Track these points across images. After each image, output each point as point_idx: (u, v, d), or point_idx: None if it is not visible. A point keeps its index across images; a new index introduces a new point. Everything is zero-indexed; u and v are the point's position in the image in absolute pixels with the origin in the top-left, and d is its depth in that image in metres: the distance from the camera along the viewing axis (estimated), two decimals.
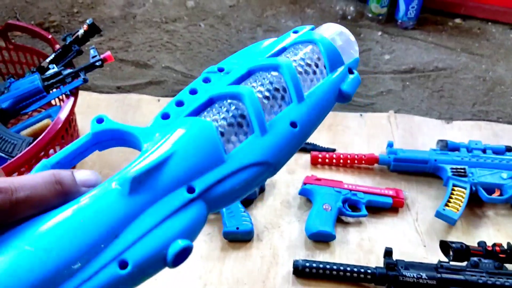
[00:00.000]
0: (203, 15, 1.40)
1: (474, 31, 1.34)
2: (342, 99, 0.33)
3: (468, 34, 1.33)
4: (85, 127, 1.00)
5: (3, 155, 0.75)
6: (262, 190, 0.90)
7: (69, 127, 0.85)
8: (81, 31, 0.87)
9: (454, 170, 0.89)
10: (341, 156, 0.94)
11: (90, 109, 1.05)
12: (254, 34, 1.33)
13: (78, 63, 0.90)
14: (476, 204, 0.88)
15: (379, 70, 1.21)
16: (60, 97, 0.91)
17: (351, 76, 0.33)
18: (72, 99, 0.82)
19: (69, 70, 0.83)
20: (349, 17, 1.38)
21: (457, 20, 1.37)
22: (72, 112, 0.83)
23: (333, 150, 0.98)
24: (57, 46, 0.90)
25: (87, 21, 0.87)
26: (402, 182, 0.92)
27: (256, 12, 1.42)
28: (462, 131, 1.04)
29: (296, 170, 0.94)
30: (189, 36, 1.32)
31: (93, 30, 0.87)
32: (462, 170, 0.89)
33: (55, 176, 0.25)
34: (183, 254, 0.24)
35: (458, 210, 0.83)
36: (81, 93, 0.92)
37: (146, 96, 1.11)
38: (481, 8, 1.35)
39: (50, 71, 0.83)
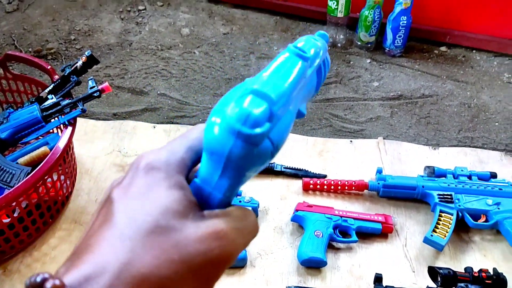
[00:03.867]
0: (197, 43, 1.44)
1: (459, 58, 1.39)
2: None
3: (453, 61, 1.38)
4: (81, 154, 1.02)
5: (1, 185, 0.77)
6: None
7: (66, 156, 0.87)
8: (79, 63, 0.89)
9: (441, 196, 0.92)
10: (332, 182, 0.97)
11: (87, 136, 1.07)
12: (247, 61, 1.37)
13: (77, 92, 0.92)
14: (462, 230, 0.90)
15: (368, 97, 1.25)
16: None
17: None
18: (70, 128, 0.84)
19: (67, 101, 0.85)
20: (339, 45, 1.42)
21: (443, 48, 1.42)
22: (70, 142, 0.85)
23: (324, 176, 1.01)
24: (56, 77, 0.92)
25: (86, 53, 0.90)
26: (391, 208, 0.95)
27: (249, 39, 1.46)
28: (448, 157, 1.07)
29: (288, 196, 0.97)
30: (184, 63, 1.36)
31: (92, 61, 0.90)
32: (449, 197, 0.91)
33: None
34: None
35: (445, 236, 0.85)
36: (78, 120, 0.93)
37: (141, 123, 1.13)
38: (466, 37, 1.40)
39: (49, 102, 0.86)
